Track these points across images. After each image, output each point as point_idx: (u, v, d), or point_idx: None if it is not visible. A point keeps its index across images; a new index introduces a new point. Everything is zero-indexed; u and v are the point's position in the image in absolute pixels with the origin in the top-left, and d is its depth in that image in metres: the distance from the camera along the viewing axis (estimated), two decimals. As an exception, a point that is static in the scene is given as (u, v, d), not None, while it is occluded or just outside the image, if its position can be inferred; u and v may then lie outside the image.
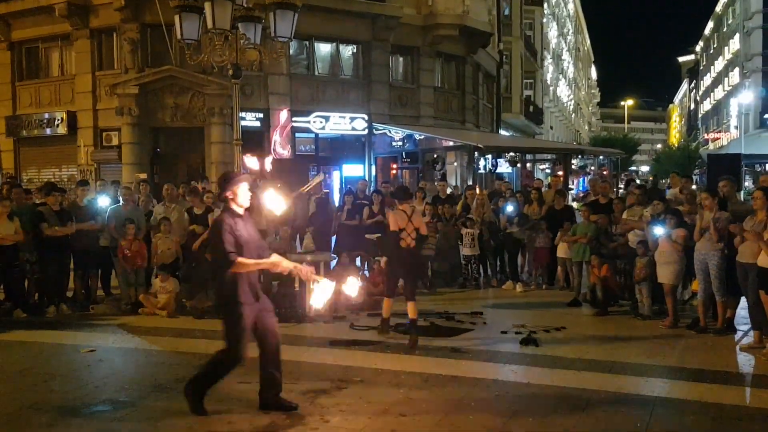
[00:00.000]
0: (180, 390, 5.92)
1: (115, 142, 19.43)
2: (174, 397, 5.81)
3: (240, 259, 5.14)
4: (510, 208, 11.47)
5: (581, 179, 28.75)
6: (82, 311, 9.69)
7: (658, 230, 8.42)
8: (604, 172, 26.37)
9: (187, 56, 9.98)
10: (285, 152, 20.14)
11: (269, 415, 5.33)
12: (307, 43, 20.93)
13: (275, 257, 5.46)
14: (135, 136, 18.80)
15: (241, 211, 5.34)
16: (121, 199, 10.47)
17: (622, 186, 25.36)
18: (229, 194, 5.30)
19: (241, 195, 5.30)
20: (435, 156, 21.98)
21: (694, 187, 12.51)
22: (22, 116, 20.94)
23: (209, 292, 9.53)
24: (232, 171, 5.93)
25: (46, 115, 20.45)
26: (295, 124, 20.55)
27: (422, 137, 22.10)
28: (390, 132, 22.03)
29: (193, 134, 19.20)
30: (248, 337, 5.33)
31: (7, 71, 21.22)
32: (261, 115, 19.95)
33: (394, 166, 23.31)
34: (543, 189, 13.24)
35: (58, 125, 20.21)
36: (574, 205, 14.71)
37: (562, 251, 10.50)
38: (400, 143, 22.50)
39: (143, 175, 16.74)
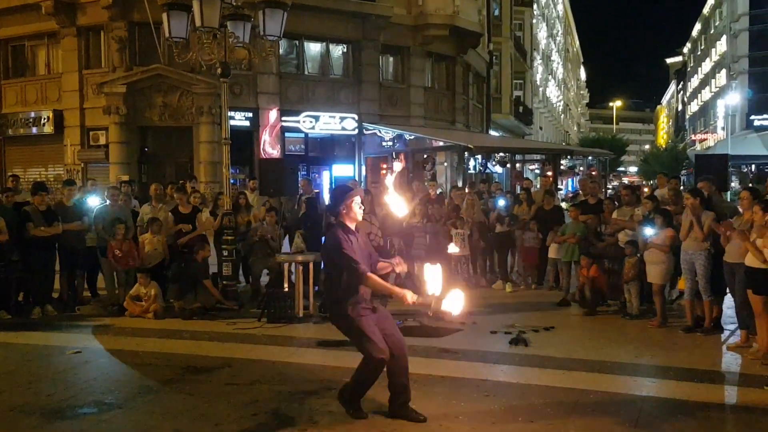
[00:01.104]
0: (168, 392, 5.90)
1: (102, 141, 19.32)
2: (161, 398, 5.77)
3: (370, 276, 5.01)
4: (501, 203, 11.49)
5: (570, 180, 28.83)
6: (68, 312, 9.59)
7: (648, 230, 8.45)
8: (593, 173, 26.46)
9: (176, 55, 9.90)
10: (274, 152, 20.09)
11: (257, 416, 5.29)
12: (297, 42, 20.89)
13: (397, 290, 5.18)
14: (122, 136, 18.70)
15: (353, 225, 5.18)
16: (108, 199, 10.38)
17: (610, 187, 25.53)
18: (342, 209, 5.13)
19: (353, 210, 5.14)
20: (425, 156, 21.97)
21: (682, 187, 12.57)
22: (8, 115, 20.78)
23: (197, 293, 9.49)
24: (346, 184, 5.80)
25: (33, 114, 20.31)
26: (284, 124, 20.51)
27: (412, 137, 22.10)
28: (380, 132, 22.01)
29: (182, 133, 19.11)
30: (376, 333, 5.09)
31: (-7, 69, 21.07)
32: (250, 115, 19.89)
33: (384, 166, 23.29)
34: (532, 189, 13.26)
35: (44, 124, 20.07)
36: (563, 205, 14.74)
37: (552, 251, 10.51)
38: (390, 143, 22.48)
39: (126, 177, 16.62)
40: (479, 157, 22.06)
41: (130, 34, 18.92)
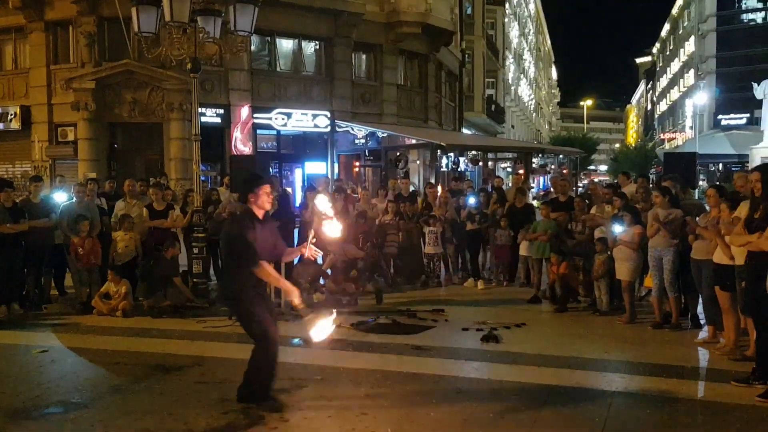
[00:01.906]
0: (137, 391, 5.82)
1: (70, 137, 18.97)
2: (130, 397, 5.69)
3: (265, 266, 5.15)
4: (472, 200, 11.55)
5: (542, 178, 29.13)
6: (35, 311, 9.40)
7: (617, 227, 8.55)
8: (564, 171, 26.76)
9: (145, 50, 9.78)
10: (246, 149, 19.93)
11: (227, 415, 5.24)
12: (269, 38, 20.75)
13: (287, 284, 5.46)
14: (91, 132, 18.39)
15: (260, 214, 5.30)
16: (74, 196, 10.20)
17: (580, 185, 25.77)
18: (251, 197, 5.26)
19: (262, 199, 5.27)
20: (398, 154, 21.99)
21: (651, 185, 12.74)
22: (-27, 110, 20.29)
23: (167, 291, 9.37)
24: (255, 173, 5.91)
25: (-1, 110, 19.86)
26: (256, 121, 20.36)
27: (385, 135, 22.11)
28: (353, 130, 21.98)
29: (152, 130, 18.85)
30: (267, 318, 5.30)
31: (-42, 63, 20.56)
32: (221, 111, 19.70)
33: (357, 164, 23.27)
34: (504, 187, 13.35)
35: (11, 120, 19.65)
36: (535, 203, 14.88)
37: (523, 249, 10.59)
38: (362, 141, 22.46)
39: (93, 174, 16.34)
40: (452, 154, 22.15)
41: (99, 29, 18.60)
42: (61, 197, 10.54)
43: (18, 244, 9.30)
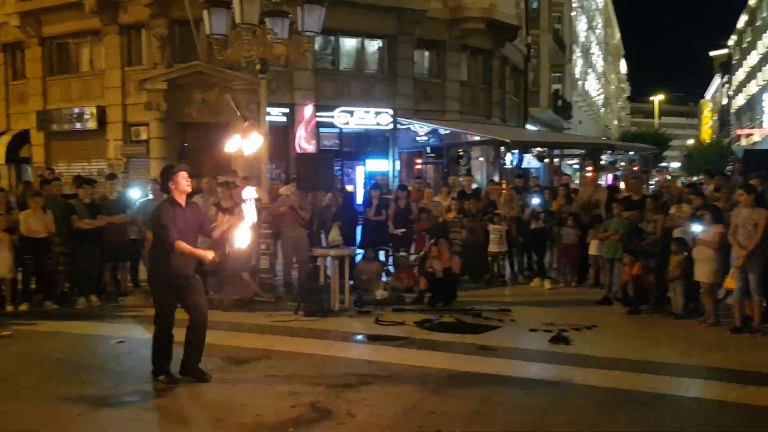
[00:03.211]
0: (210, 383, 5.96)
1: (143, 136, 19.61)
2: (202, 388, 5.83)
3: (178, 242, 5.70)
4: (536, 199, 11.34)
5: (611, 175, 28.30)
6: (111, 303, 9.79)
7: (697, 227, 8.23)
8: (635, 168, 25.91)
9: (216, 51, 9.98)
10: (309, 147, 20.14)
11: (296, 408, 5.30)
12: (333, 37, 20.90)
13: (201, 252, 5.95)
14: (163, 131, 18.96)
15: (181, 199, 5.89)
16: (150, 193, 10.55)
17: (652, 183, 24.97)
18: (171, 184, 5.86)
19: (181, 184, 5.85)
20: (460, 151, 21.81)
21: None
22: (52, 111, 21.22)
23: (236, 286, 9.58)
24: (172, 164, 6.48)
25: (76, 110, 20.68)
26: (319, 119, 20.54)
27: (447, 132, 21.93)
28: (414, 127, 21.92)
29: (220, 129, 19.24)
30: (170, 308, 5.92)
31: (38, 66, 21.52)
32: (286, 110, 19.98)
33: (419, 161, 23.19)
34: (571, 185, 13.06)
35: (87, 120, 20.43)
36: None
37: (593, 248, 10.33)
38: (424, 138, 22.35)
39: None
40: (516, 151, 21.80)
41: (171, 31, 19.14)
42: (135, 194, 10.93)
43: (96, 239, 9.71)
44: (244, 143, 7.93)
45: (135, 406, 5.51)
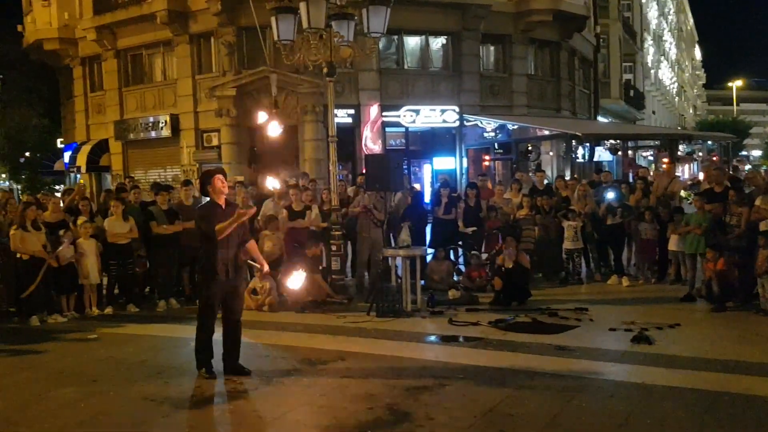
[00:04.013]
0: (286, 384, 6.05)
1: (215, 142, 20.16)
2: (282, 390, 5.92)
3: (218, 226, 6.00)
4: (611, 194, 10.97)
5: (690, 166, 27.18)
6: (190, 305, 10.05)
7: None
8: (714, 158, 24.79)
9: (284, 57, 10.10)
10: (376, 147, 20.22)
11: (373, 410, 5.30)
12: (396, 37, 20.88)
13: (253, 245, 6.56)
14: (233, 136, 19.42)
15: (221, 200, 6.25)
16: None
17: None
18: (209, 188, 6.23)
19: (218, 186, 6.20)
20: (529, 146, 21.41)
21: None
22: (129, 120, 22.09)
23: (308, 287, 9.67)
24: (210, 169, 6.68)
25: (151, 119, 21.46)
26: (385, 119, 20.59)
27: (515, 127, 21.57)
28: (481, 123, 21.66)
29: (287, 132, 19.53)
30: (216, 306, 6.26)
31: (114, 78, 22.46)
32: (352, 111, 20.12)
33: (487, 157, 22.91)
34: (648, 177, 12.59)
35: (162, 128, 21.17)
36: (683, 194, 13.90)
37: (674, 243, 9.93)
38: (492, 134, 22.06)
39: (240, 177, 17.21)
40: (587, 144, 21.21)
41: (238, 38, 19.58)
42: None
43: (174, 244, 10.01)
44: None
45: (217, 408, 5.63)
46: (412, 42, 21.58)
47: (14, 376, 6.71)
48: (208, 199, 6.42)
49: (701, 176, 12.08)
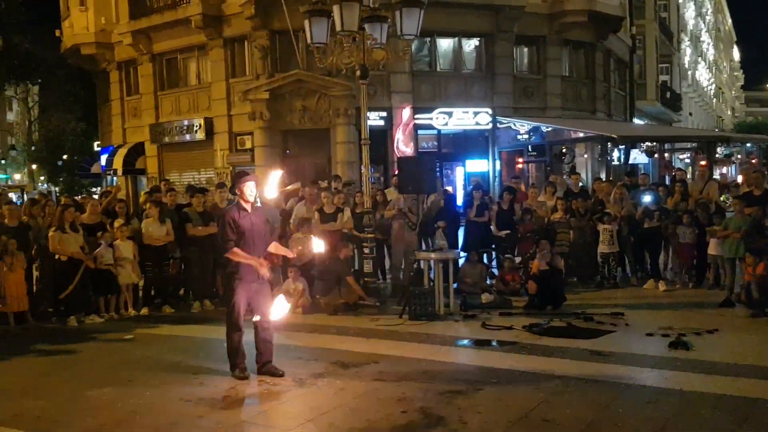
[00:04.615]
0: (319, 386, 6.06)
1: (248, 145, 20.33)
2: (315, 392, 5.94)
3: (235, 249, 6.16)
4: (648, 198, 10.79)
5: (728, 169, 26.63)
6: (223, 307, 10.12)
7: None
8: (753, 161, 24.20)
9: (317, 60, 10.13)
10: (408, 150, 20.19)
11: (406, 414, 5.28)
12: (429, 39, 20.83)
13: (256, 260, 6.30)
14: (266, 139, 19.58)
15: (247, 205, 6.28)
16: (258, 200, 10.86)
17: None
18: (237, 191, 6.31)
19: (247, 192, 6.24)
20: (563, 149, 21.17)
21: None
22: (164, 123, 22.41)
23: (341, 290, 9.71)
24: (244, 171, 6.93)
25: (186, 122, 21.75)
26: (417, 121, 20.55)
27: (549, 129, 21.34)
28: (515, 125, 21.49)
29: (320, 135, 19.68)
30: (241, 308, 6.29)
31: (150, 82, 22.81)
32: (384, 114, 20.12)
33: (520, 160, 22.72)
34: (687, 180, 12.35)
35: (196, 131, 21.43)
36: (722, 198, 13.59)
37: (713, 247, 9.72)
38: (525, 136, 21.86)
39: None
40: (623, 147, 20.90)
41: (272, 42, 19.73)
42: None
43: (209, 245, 10.09)
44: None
45: (250, 408, 5.68)
46: (445, 44, 21.51)
47: (53, 375, 6.86)
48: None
49: (740, 179, 11.76)
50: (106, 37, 23.65)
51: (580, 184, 13.04)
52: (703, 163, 17.97)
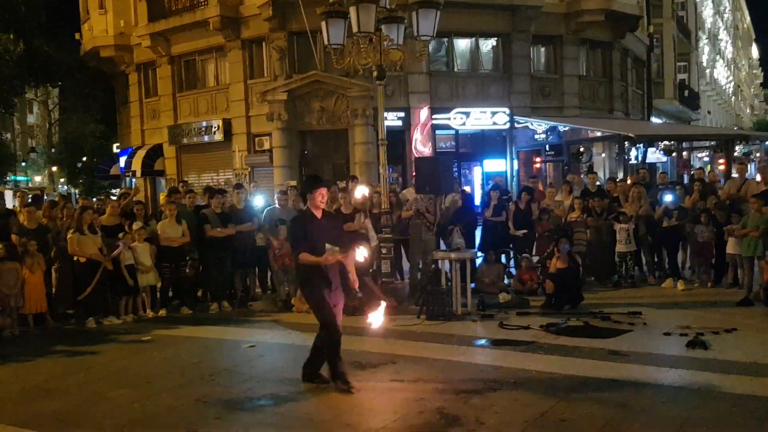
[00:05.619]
0: (336, 386, 6.08)
1: (266, 146, 20.45)
2: (331, 392, 5.96)
3: (303, 255, 5.91)
4: (669, 197, 10.72)
5: (747, 167, 26.29)
6: (241, 308, 10.24)
7: None
8: (773, 159, 23.90)
9: (334, 61, 10.18)
10: (426, 150, 20.19)
11: (423, 414, 5.31)
12: (446, 39, 20.83)
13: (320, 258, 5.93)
14: (284, 140, 19.68)
15: (318, 212, 6.10)
16: (276, 201, 10.96)
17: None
18: (309, 198, 6.14)
19: (316, 200, 6.07)
20: (581, 148, 21.05)
21: None
22: (182, 125, 22.60)
23: (354, 291, 9.71)
24: (318, 176, 6.81)
25: (204, 123, 21.92)
26: (435, 122, 20.55)
27: (567, 129, 21.25)
28: (532, 125, 21.42)
29: (338, 136, 19.76)
30: (330, 306, 5.96)
31: (168, 84, 23.02)
32: (402, 114, 20.15)
33: (538, 159, 22.64)
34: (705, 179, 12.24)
35: (215, 132, 21.59)
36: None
37: (731, 246, 9.64)
38: (543, 136, 21.78)
39: (293, 182, 17.42)
40: (640, 146, 20.75)
41: (289, 43, 19.84)
42: (259, 202, 11.38)
43: (227, 247, 10.19)
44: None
45: (268, 410, 5.71)
46: (462, 44, 21.49)
47: (72, 376, 6.93)
48: (304, 206, 6.43)
49: (758, 177, 11.59)
50: (125, 39, 23.92)
51: (597, 183, 12.97)
52: (722, 161, 17.73)
